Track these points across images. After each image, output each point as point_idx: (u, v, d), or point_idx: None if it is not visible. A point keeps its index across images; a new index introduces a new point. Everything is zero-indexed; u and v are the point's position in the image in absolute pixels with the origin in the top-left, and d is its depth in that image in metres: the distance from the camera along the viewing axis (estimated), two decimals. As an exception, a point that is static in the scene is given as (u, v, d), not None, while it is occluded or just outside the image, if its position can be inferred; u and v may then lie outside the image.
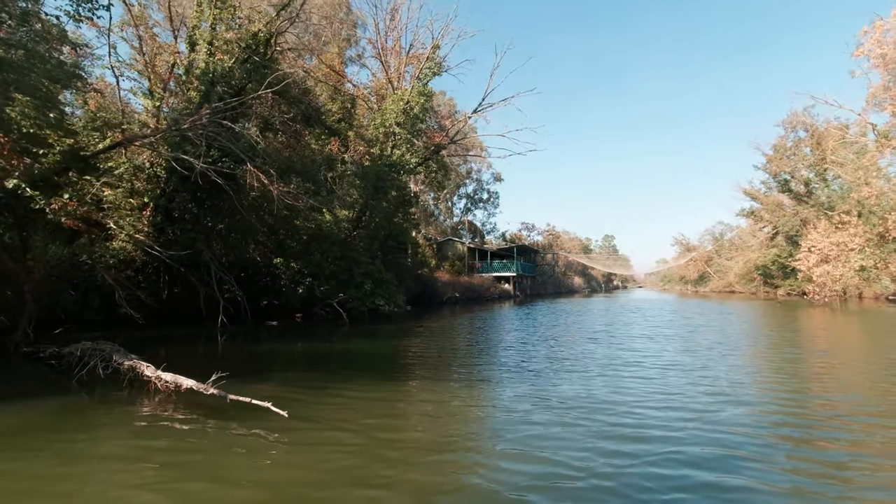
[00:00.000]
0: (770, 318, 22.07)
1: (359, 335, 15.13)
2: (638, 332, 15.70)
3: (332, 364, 10.27)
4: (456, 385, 7.96)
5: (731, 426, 5.61)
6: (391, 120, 18.28)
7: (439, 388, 7.65)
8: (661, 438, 5.22)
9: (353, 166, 18.30)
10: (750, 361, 10.19)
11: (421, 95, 18.03)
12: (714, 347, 12.01)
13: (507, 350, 11.94)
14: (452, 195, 62.13)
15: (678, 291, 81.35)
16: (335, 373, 9.21)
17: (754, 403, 6.66)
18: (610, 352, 11.35)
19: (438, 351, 11.75)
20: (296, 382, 8.09)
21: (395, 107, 18.18)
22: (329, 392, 7.34)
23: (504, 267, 49.89)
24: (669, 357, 10.51)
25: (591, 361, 10.06)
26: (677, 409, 6.37)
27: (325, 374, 8.95)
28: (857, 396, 7.07)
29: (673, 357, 10.55)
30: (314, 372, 9.24)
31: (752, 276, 62.43)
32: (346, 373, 9.22)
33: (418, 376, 8.75)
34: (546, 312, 25.83)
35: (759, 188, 51.05)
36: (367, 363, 10.32)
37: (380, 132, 18.52)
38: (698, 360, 10.18)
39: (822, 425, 5.77)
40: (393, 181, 17.68)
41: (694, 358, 10.38)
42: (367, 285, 17.95)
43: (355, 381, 8.27)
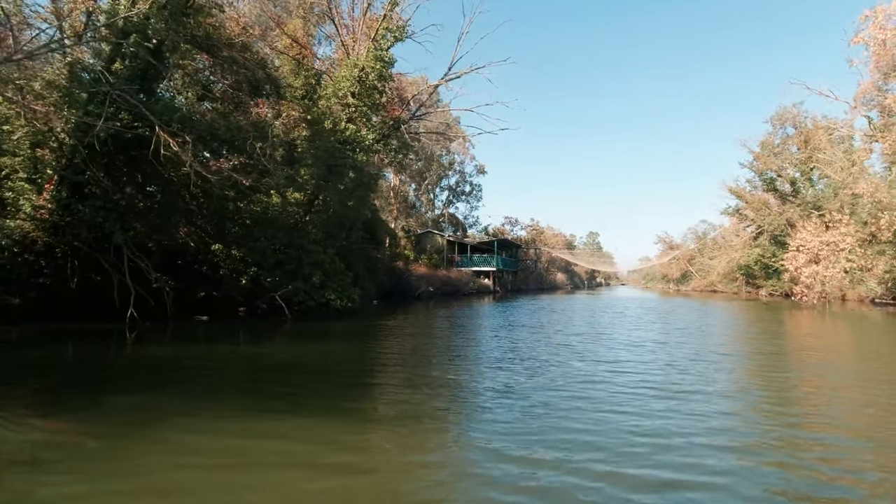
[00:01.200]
0: (759, 322, 20.23)
1: (294, 335, 12.93)
2: (622, 336, 13.69)
3: (212, 378, 8.03)
4: (383, 430, 5.82)
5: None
6: (345, 89, 15.95)
7: (355, 436, 5.49)
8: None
9: (305, 143, 15.97)
10: (745, 383, 8.20)
11: (377, 61, 15.66)
12: (705, 360, 10.01)
13: (465, 366, 9.82)
14: (434, 187, 59.89)
15: (660, 290, 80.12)
16: (201, 395, 6.98)
17: (761, 452, 4.60)
18: (589, 367, 9.27)
19: (374, 363, 9.61)
20: (137, 405, 5.86)
21: (349, 74, 15.84)
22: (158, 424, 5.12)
23: (484, 261, 47.86)
24: (657, 376, 8.45)
25: (570, 384, 7.97)
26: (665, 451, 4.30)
27: (178, 395, 6.73)
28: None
29: (660, 376, 8.49)
30: (166, 388, 7.00)
31: (735, 275, 61.07)
32: (216, 396, 7.01)
33: (329, 409, 6.56)
34: (525, 311, 23.79)
35: (744, 186, 49.52)
36: (267, 378, 8.09)
37: (331, 104, 16.20)
38: (688, 378, 8.15)
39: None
40: (347, 160, 15.43)
41: (682, 375, 8.34)
42: (317, 277, 15.71)
43: (224, 406, 6.07)
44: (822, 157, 36.89)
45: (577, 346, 11.22)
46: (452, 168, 59.70)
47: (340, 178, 16.48)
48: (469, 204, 63.10)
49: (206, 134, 12.51)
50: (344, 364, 8.98)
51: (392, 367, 8.86)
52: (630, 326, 16.16)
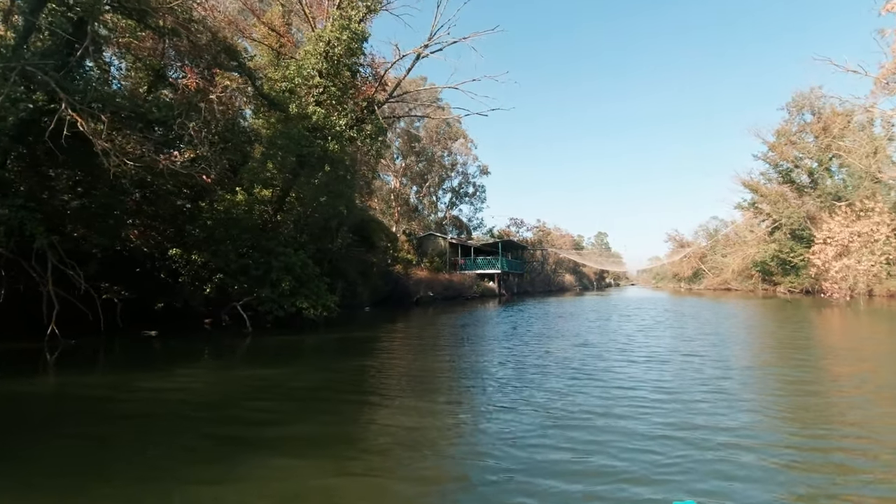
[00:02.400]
0: (792, 324, 17.75)
1: (248, 353, 10.75)
2: (641, 347, 11.39)
3: (115, 425, 5.83)
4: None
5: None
6: (309, 67, 13.76)
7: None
8: None
9: (270, 132, 13.81)
10: (818, 428, 5.90)
11: (344, 31, 13.43)
12: (749, 385, 7.72)
13: (445, 407, 7.61)
14: (437, 189, 57.74)
15: (671, 289, 77.16)
16: (85, 457, 4.78)
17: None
18: (603, 399, 7.00)
19: (318, 399, 7.42)
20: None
21: (313, 49, 13.64)
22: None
23: (489, 264, 45.57)
24: (694, 415, 6.16)
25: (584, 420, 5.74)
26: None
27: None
28: None
29: (699, 416, 6.21)
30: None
31: (750, 272, 58.21)
32: (106, 459, 4.82)
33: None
34: (531, 317, 21.50)
35: (758, 179, 46.81)
36: (188, 425, 5.89)
37: (296, 84, 14.04)
38: (736, 422, 5.88)
39: None
40: (315, 149, 13.23)
41: (727, 413, 6.07)
42: (286, 283, 13.56)
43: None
44: (844, 143, 34.22)
45: (591, 365, 8.94)
46: (455, 169, 57.50)
47: (314, 172, 14.36)
48: (473, 206, 60.85)
49: (131, 114, 10.46)
50: (287, 400, 6.80)
51: (327, 405, 6.66)
52: (649, 333, 13.85)
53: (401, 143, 49.89)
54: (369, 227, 30.08)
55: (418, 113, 29.84)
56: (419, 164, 52.21)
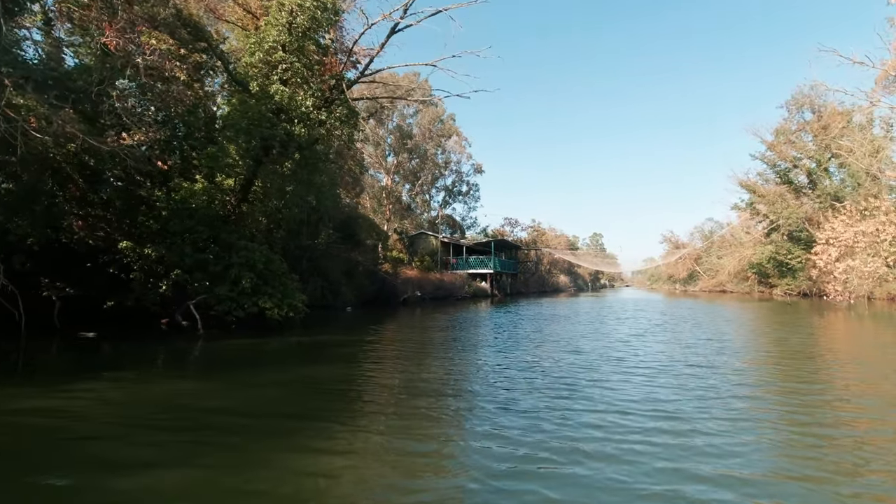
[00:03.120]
0: (796, 328, 16.43)
1: (192, 361, 9.33)
2: (639, 356, 10.03)
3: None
4: None
5: None
6: (271, 39, 12.29)
7: None
8: None
9: (230, 113, 12.32)
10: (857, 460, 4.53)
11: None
12: (767, 404, 6.38)
13: (410, 428, 6.22)
14: (430, 187, 56.31)
15: (666, 291, 75.99)
16: None
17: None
18: (592, 429, 5.63)
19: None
20: None
21: (275, 19, 12.19)
22: None
23: (481, 263, 44.19)
24: (690, 458, 4.77)
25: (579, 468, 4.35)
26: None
27: None
28: None
29: (715, 459, 4.83)
30: None
31: (746, 274, 57.05)
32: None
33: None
34: (522, 318, 20.15)
35: (755, 180, 45.55)
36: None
37: (256, 59, 12.57)
38: (725, 428, 4.51)
39: None
40: (277, 132, 11.77)
41: (720, 424, 4.70)
42: (246, 281, 12.13)
43: None
44: (845, 143, 32.97)
45: (582, 379, 7.57)
46: (448, 167, 56.07)
47: (280, 159, 12.94)
48: (467, 205, 59.44)
49: (44, 78, 9.02)
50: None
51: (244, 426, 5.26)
52: (646, 339, 12.49)
53: (393, 139, 48.50)
54: (356, 223, 28.69)
55: (399, 100, 28.14)
56: (412, 162, 50.78)
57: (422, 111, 48.92)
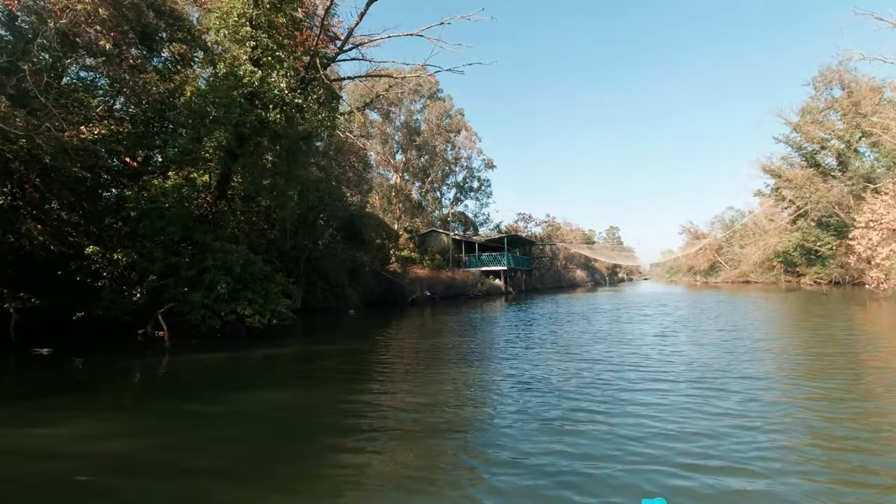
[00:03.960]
0: (863, 332, 14.51)
1: (147, 384, 7.96)
2: (669, 371, 8.37)
3: None
4: None
5: None
6: (237, 11, 10.80)
7: None
8: None
9: (196, 102, 10.88)
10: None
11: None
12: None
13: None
14: (441, 184, 54.76)
15: (687, 283, 73.24)
16: None
17: None
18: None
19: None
20: None
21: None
22: None
23: (494, 260, 42.48)
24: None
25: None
26: None
27: None
28: None
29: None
30: None
31: (771, 263, 54.37)
32: None
33: None
34: (536, 318, 18.54)
35: (780, 164, 42.95)
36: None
37: (221, 37, 11.11)
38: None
39: None
40: (248, 118, 10.32)
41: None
42: (222, 286, 10.73)
43: None
44: (878, 120, 30.50)
45: (606, 402, 5.98)
46: (459, 164, 54.38)
47: (258, 150, 11.52)
48: (479, 201, 57.69)
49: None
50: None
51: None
52: (676, 342, 10.79)
53: (401, 136, 47.07)
54: (360, 222, 27.26)
55: (392, 86, 26.45)
56: (421, 159, 49.27)
57: (429, 106, 47.41)
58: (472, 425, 5.05)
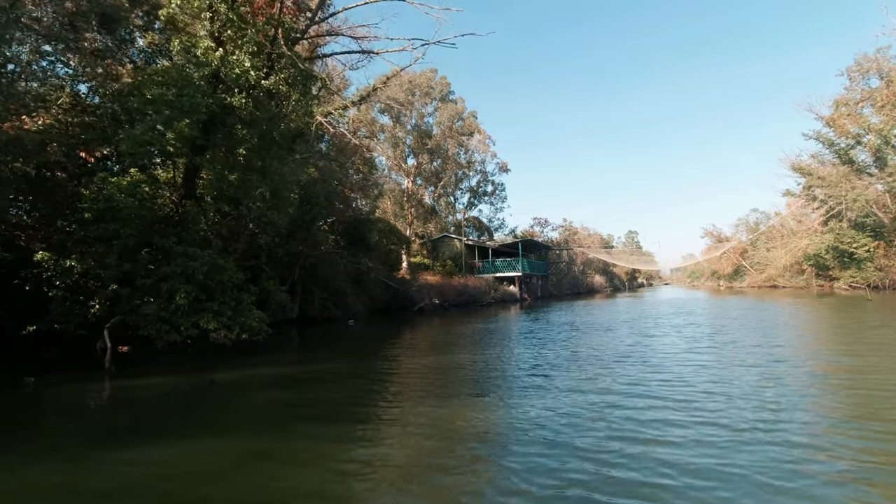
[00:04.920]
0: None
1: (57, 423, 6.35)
2: (721, 411, 6.43)
3: None
4: None
5: None
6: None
7: None
8: None
9: (147, 85, 9.35)
10: None
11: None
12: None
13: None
14: (454, 189, 53.02)
15: (710, 288, 69.99)
16: None
17: None
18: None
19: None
20: None
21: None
22: None
23: (508, 266, 40.51)
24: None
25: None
26: None
27: None
28: None
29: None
30: None
31: (801, 267, 51.19)
32: None
33: None
34: (552, 329, 16.66)
35: (809, 162, 40.15)
36: None
37: (173, 10, 9.56)
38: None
39: None
40: (204, 102, 8.74)
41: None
42: (182, 296, 9.15)
43: None
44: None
45: (652, 461, 4.13)
46: (472, 167, 52.54)
47: (228, 141, 9.96)
48: (493, 206, 55.72)
49: None
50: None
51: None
52: (718, 363, 8.81)
53: (412, 140, 45.51)
54: (365, 227, 25.67)
55: (383, 75, 24.62)
56: (433, 163, 47.62)
57: (441, 108, 45.84)
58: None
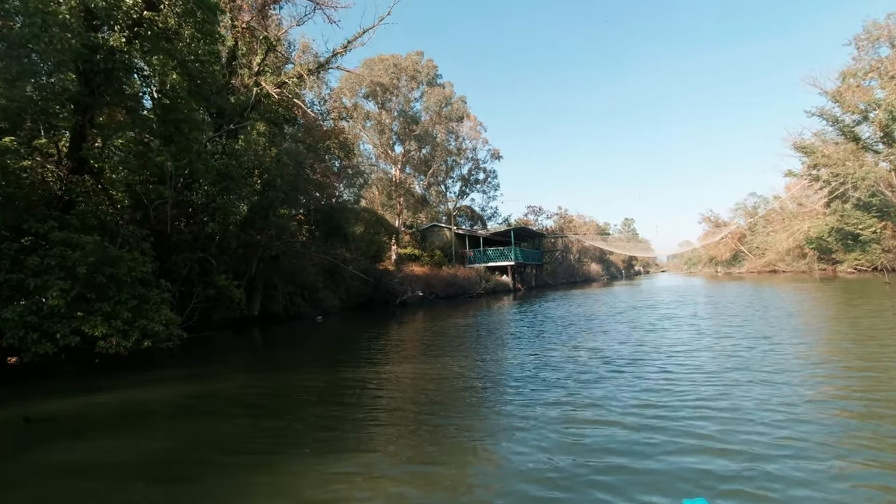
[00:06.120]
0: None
1: None
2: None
3: None
4: None
5: None
6: None
7: None
8: None
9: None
10: None
11: None
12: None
13: None
14: (445, 177, 50.68)
15: (707, 274, 67.88)
16: None
17: None
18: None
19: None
20: None
21: None
22: None
23: (500, 255, 38.36)
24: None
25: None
26: None
27: None
28: None
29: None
30: None
31: (803, 251, 49.14)
32: None
33: None
34: (545, 322, 14.57)
35: (812, 141, 37.83)
36: None
37: None
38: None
39: None
40: (70, 44, 6.55)
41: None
42: (54, 295, 7.02)
43: None
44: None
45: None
46: (463, 155, 50.11)
47: (121, 99, 7.75)
48: (486, 194, 53.39)
49: None
50: None
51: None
52: (735, 367, 6.68)
53: (399, 126, 43.06)
54: (341, 215, 23.49)
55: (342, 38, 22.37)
56: (422, 151, 45.22)
57: (428, 93, 43.37)
58: None
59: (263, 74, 13.43)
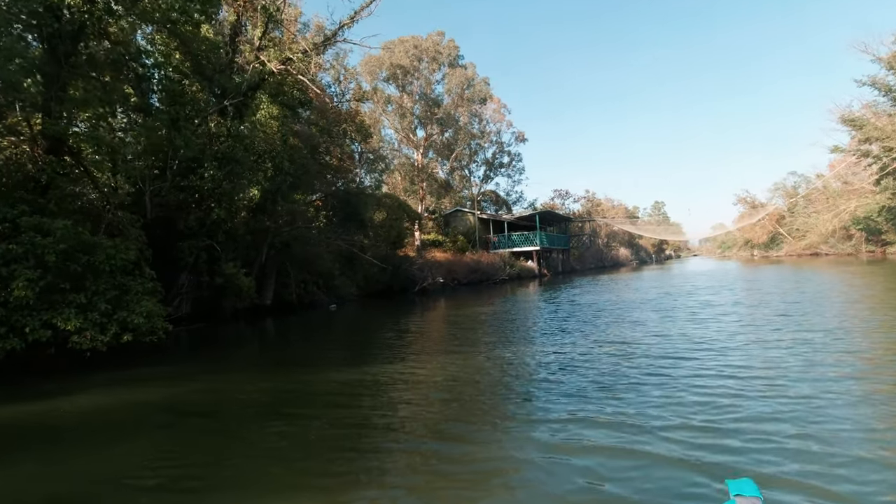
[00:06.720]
0: None
1: None
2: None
3: None
4: None
5: None
6: None
7: None
8: None
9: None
10: None
11: None
12: None
13: None
14: (469, 161, 49.24)
15: (743, 258, 64.64)
16: None
17: None
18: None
19: None
20: None
21: None
22: None
23: (525, 240, 37.01)
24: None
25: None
26: None
27: None
28: None
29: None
30: None
31: (849, 232, 45.98)
32: None
33: None
34: (572, 312, 13.45)
35: (862, 113, 34.86)
36: None
37: None
38: None
39: None
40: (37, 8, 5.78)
41: None
42: (20, 286, 6.30)
43: None
44: None
45: None
46: (487, 138, 48.44)
47: (95, 65, 6.90)
48: (511, 178, 51.71)
49: None
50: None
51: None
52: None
53: (420, 109, 41.81)
54: (358, 200, 22.62)
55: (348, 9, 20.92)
56: (444, 135, 43.91)
57: (449, 75, 41.87)
58: None
59: (265, 50, 12.52)
